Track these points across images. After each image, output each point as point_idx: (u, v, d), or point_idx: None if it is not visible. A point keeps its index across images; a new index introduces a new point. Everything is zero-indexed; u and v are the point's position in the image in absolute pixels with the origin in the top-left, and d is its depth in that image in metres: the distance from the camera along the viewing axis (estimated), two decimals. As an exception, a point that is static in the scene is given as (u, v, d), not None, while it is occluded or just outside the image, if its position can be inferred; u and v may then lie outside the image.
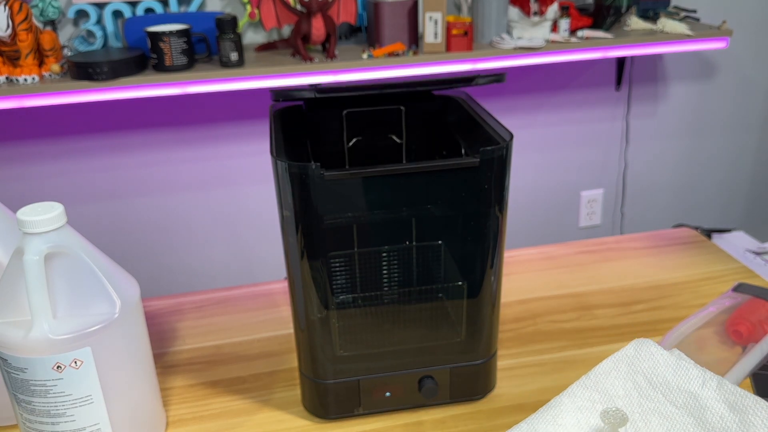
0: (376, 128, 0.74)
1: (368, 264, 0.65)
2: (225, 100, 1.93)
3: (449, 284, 0.69)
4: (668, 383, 0.53)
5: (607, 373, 0.55)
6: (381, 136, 0.74)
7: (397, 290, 0.67)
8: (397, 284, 0.67)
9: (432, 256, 0.67)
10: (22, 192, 1.92)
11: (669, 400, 0.52)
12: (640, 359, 0.56)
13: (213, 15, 1.75)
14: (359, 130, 0.73)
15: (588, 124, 2.22)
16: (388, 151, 0.75)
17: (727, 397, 0.51)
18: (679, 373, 0.54)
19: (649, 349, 0.56)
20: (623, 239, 1.06)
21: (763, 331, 0.78)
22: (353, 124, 0.73)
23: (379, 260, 0.65)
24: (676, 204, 2.44)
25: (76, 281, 0.59)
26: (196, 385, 0.77)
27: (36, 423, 0.60)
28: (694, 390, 0.52)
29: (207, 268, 2.13)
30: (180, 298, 0.94)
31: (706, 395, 0.51)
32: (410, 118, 0.74)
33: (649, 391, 0.53)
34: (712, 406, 0.50)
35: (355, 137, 0.73)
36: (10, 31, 1.52)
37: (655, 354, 0.56)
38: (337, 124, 0.73)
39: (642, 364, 0.55)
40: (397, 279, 0.67)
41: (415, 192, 0.62)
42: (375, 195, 0.61)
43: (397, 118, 0.73)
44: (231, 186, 2.04)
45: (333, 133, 0.73)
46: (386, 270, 0.67)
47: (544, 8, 1.83)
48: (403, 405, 0.71)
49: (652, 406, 0.52)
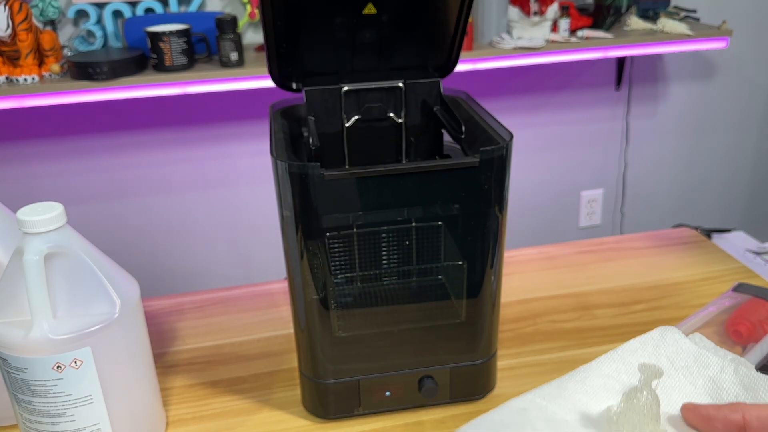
0: (375, 107, 0.74)
1: (368, 263, 0.65)
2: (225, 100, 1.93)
3: (449, 284, 0.69)
4: (689, 368, 0.57)
5: (634, 351, 0.58)
6: (380, 115, 0.74)
7: (397, 290, 0.67)
8: (397, 284, 0.67)
9: (432, 257, 0.67)
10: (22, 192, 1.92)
11: (689, 381, 0.56)
12: (665, 344, 0.59)
13: (213, 15, 1.75)
14: (358, 109, 0.73)
15: (588, 124, 2.22)
16: (387, 131, 0.75)
17: (742, 379, 0.55)
18: (700, 360, 0.57)
19: (674, 336, 0.59)
20: (623, 239, 1.06)
21: (763, 331, 0.78)
22: (352, 103, 0.72)
23: (379, 260, 0.65)
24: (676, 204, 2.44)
25: (76, 281, 0.59)
26: (196, 385, 0.77)
27: (36, 423, 0.60)
28: (712, 375, 0.56)
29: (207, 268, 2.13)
30: (180, 298, 0.94)
31: (723, 378, 0.55)
32: (410, 96, 0.73)
33: (672, 372, 0.56)
34: (728, 388, 0.55)
35: (354, 116, 0.72)
36: (10, 31, 1.52)
37: (678, 341, 0.59)
38: (335, 103, 0.72)
39: (666, 348, 0.59)
40: (397, 279, 0.67)
41: (415, 192, 0.62)
42: (375, 195, 0.61)
43: (397, 97, 0.73)
44: (231, 186, 2.04)
45: (331, 112, 0.73)
46: (386, 270, 0.67)
47: (544, 8, 1.83)
48: (403, 405, 0.71)
49: (673, 383, 0.55)
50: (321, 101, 0.72)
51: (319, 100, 0.72)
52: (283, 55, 0.71)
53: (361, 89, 0.72)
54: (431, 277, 0.67)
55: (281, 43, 0.69)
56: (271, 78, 0.72)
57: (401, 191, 0.61)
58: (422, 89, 0.74)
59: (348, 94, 0.72)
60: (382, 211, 0.62)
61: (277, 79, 0.73)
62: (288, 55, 0.71)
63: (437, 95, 0.74)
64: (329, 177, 0.59)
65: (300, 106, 0.75)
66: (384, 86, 0.72)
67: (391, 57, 0.74)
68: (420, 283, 0.67)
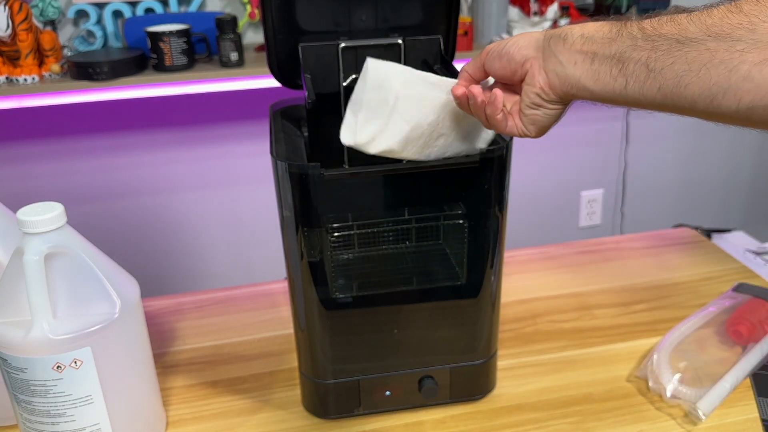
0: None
1: (368, 263, 0.65)
2: (225, 100, 1.93)
3: (449, 284, 0.69)
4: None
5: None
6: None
7: (397, 290, 0.67)
8: (397, 284, 0.67)
9: (432, 256, 0.67)
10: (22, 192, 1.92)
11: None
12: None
13: (213, 15, 1.75)
14: (356, 68, 0.71)
15: (588, 124, 2.22)
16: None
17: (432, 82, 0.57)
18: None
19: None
20: (623, 239, 1.06)
21: (763, 331, 0.78)
22: (350, 61, 0.71)
23: (379, 260, 0.65)
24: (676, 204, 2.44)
25: (76, 281, 0.58)
26: (196, 385, 0.77)
27: (36, 423, 0.60)
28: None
29: (207, 268, 2.13)
30: (180, 298, 0.94)
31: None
32: (410, 54, 0.72)
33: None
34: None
35: (351, 75, 0.71)
36: (10, 31, 1.52)
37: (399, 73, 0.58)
38: (332, 60, 0.70)
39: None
40: (397, 279, 0.67)
41: (415, 192, 0.62)
42: (375, 195, 0.61)
43: (396, 55, 0.71)
44: (231, 186, 2.03)
45: (328, 69, 0.71)
46: (386, 269, 0.67)
47: (544, 8, 1.83)
48: (403, 405, 0.71)
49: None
50: (318, 58, 0.70)
51: (315, 57, 0.70)
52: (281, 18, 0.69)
53: (359, 46, 0.69)
54: (431, 277, 0.67)
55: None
56: (271, 71, 0.72)
57: (401, 191, 0.61)
58: (422, 47, 0.71)
59: (346, 51, 0.69)
60: (382, 210, 0.62)
61: (278, 74, 0.72)
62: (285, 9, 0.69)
63: (437, 53, 0.72)
64: (329, 177, 0.59)
65: (300, 106, 0.75)
66: (382, 43, 0.70)
67: (389, 15, 0.72)
68: (420, 283, 0.67)
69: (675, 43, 0.42)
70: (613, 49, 0.46)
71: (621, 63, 0.45)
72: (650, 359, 0.75)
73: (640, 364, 0.78)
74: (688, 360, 0.75)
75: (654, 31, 0.44)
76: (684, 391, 0.71)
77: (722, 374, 0.73)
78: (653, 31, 0.44)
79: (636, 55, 0.45)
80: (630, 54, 0.45)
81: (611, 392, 0.74)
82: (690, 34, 0.42)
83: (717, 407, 0.70)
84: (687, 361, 0.75)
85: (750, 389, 0.74)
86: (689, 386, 0.71)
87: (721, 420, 0.70)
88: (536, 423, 0.70)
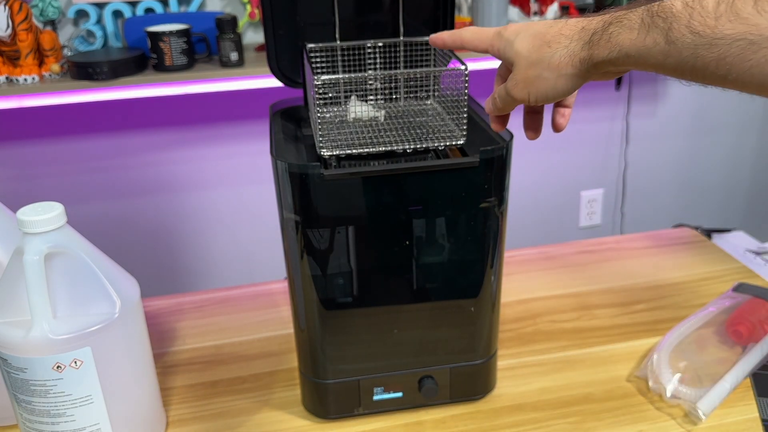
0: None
1: (368, 264, 0.65)
2: (225, 100, 1.93)
3: (449, 284, 0.68)
4: None
5: None
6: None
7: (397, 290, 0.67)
8: (397, 284, 0.67)
9: (432, 256, 0.67)
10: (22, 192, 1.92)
11: None
12: None
13: (213, 15, 1.75)
14: (356, 67, 0.71)
15: (588, 124, 2.22)
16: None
17: None
18: None
19: None
20: (623, 239, 1.06)
21: (763, 331, 0.78)
22: (350, 61, 0.71)
23: (379, 260, 0.65)
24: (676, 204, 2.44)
25: (76, 281, 0.58)
26: (196, 385, 0.77)
27: (36, 423, 0.60)
28: None
29: (207, 268, 2.13)
30: (180, 298, 0.94)
31: None
32: (408, 52, 0.72)
33: None
34: None
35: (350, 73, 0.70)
36: (10, 31, 1.52)
37: None
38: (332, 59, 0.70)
39: None
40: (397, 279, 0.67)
41: (415, 192, 0.62)
42: (375, 194, 0.61)
43: (394, 54, 0.71)
44: (231, 186, 2.03)
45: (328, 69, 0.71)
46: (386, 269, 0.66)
47: (544, 8, 1.83)
48: (403, 405, 0.71)
49: None
50: (318, 58, 0.69)
51: (316, 57, 0.69)
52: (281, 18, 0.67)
53: (360, 46, 0.69)
54: (431, 277, 0.67)
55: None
56: (271, 70, 0.72)
57: (401, 191, 0.61)
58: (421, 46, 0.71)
59: (345, 51, 0.70)
60: (382, 210, 0.62)
61: (278, 73, 0.72)
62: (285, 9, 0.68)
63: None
64: (329, 177, 0.59)
65: (300, 106, 0.75)
66: (382, 43, 0.70)
67: (389, 15, 0.71)
68: (420, 283, 0.67)
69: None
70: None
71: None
72: (650, 359, 0.75)
73: (640, 364, 0.78)
74: (688, 360, 0.75)
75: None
76: (684, 391, 0.71)
77: (722, 374, 0.73)
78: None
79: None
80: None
81: (611, 392, 0.74)
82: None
83: (717, 407, 0.70)
84: (687, 361, 0.75)
85: (750, 389, 0.74)
86: (689, 386, 0.71)
87: (721, 420, 0.70)
88: (536, 423, 0.70)
